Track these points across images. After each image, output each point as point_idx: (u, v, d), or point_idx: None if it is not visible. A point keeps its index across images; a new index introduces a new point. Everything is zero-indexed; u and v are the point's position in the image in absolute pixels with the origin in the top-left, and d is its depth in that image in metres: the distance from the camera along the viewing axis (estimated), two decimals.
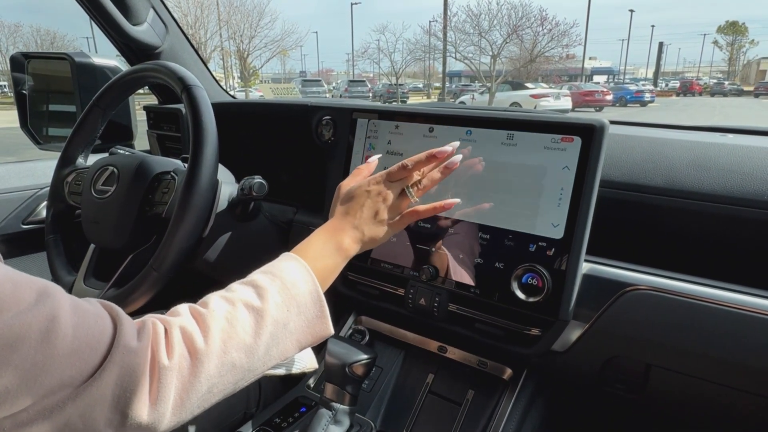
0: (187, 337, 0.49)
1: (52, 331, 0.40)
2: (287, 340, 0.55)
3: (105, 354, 0.43)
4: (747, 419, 0.70)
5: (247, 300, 0.54)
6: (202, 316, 0.51)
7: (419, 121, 0.82)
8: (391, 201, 0.65)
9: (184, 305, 0.54)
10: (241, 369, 0.51)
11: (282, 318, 0.54)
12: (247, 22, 26.51)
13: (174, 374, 0.46)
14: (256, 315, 0.53)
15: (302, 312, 0.56)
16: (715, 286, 0.65)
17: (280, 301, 0.55)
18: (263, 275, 0.58)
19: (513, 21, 22.87)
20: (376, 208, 0.65)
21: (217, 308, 0.52)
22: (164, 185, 0.87)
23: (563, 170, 0.69)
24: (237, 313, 0.52)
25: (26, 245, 1.22)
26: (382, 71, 33.24)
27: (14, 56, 1.34)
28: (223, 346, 0.50)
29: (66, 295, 0.43)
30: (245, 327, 0.52)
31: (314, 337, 0.58)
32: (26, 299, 0.39)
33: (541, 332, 0.74)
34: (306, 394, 0.90)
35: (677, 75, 74.89)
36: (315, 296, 0.58)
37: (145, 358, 0.45)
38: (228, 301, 0.53)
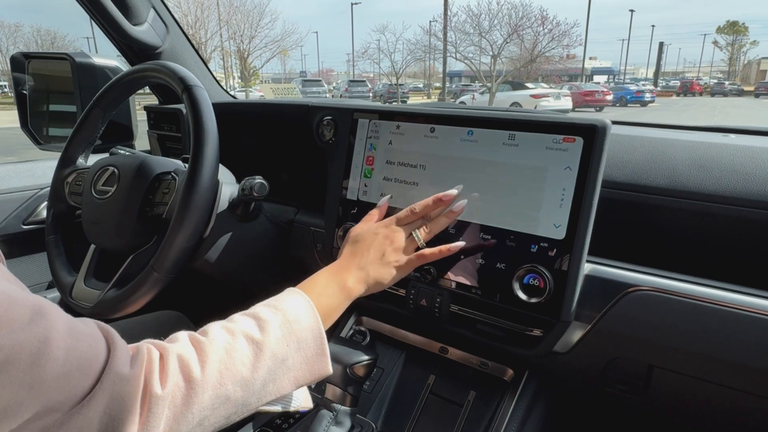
0: (184, 365, 0.47)
1: (44, 353, 0.39)
2: (285, 377, 0.54)
3: (96, 380, 0.42)
4: (749, 420, 0.70)
5: (248, 332, 0.53)
6: (200, 345, 0.50)
7: (420, 121, 0.82)
8: (398, 244, 0.67)
9: (183, 332, 0.53)
10: (235, 403, 0.50)
11: (281, 353, 0.54)
12: (248, 22, 26.53)
13: (166, 404, 0.45)
14: (256, 348, 0.52)
15: (302, 348, 0.56)
16: (718, 286, 0.65)
17: (281, 335, 0.54)
18: (266, 308, 0.57)
19: (513, 21, 22.88)
20: (383, 250, 0.66)
21: (217, 337, 0.51)
22: (165, 185, 0.87)
23: (565, 170, 0.69)
24: (236, 344, 0.51)
25: (27, 246, 1.22)
26: (382, 71, 33.26)
27: (15, 56, 1.34)
28: (220, 378, 0.49)
29: (62, 315, 0.42)
30: (243, 359, 0.51)
31: (312, 375, 0.57)
32: (20, 318, 0.38)
33: (542, 333, 0.74)
34: None
35: (677, 75, 74.88)
36: (316, 333, 0.57)
37: (136, 387, 0.44)
38: (228, 332, 0.52)
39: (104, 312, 0.83)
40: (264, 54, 27.84)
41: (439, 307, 0.80)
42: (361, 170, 0.88)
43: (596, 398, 0.81)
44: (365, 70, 56.65)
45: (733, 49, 59.48)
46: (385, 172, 0.85)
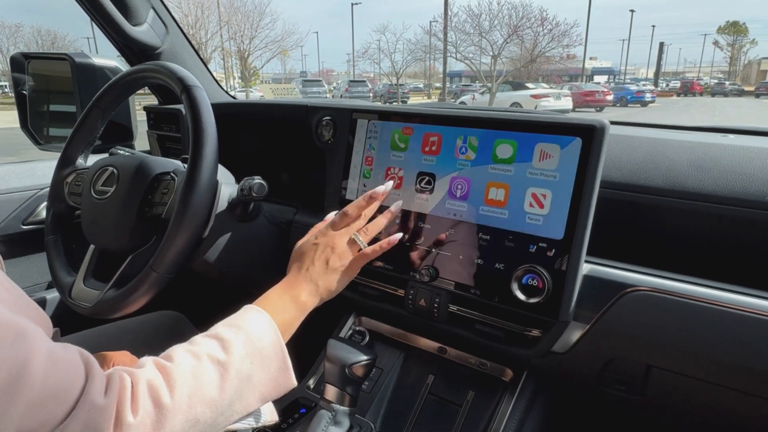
0: (153, 391, 0.48)
1: (22, 377, 0.39)
2: (251, 394, 0.55)
3: (70, 408, 0.42)
4: (748, 421, 0.70)
5: (212, 353, 0.54)
6: (166, 370, 0.50)
7: (419, 121, 0.82)
8: (339, 249, 0.68)
9: (148, 358, 0.53)
10: (205, 424, 0.51)
11: (246, 370, 0.55)
12: (248, 22, 26.53)
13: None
14: (221, 369, 0.53)
15: (266, 365, 0.57)
16: (716, 287, 0.65)
17: (245, 354, 0.55)
18: (228, 328, 0.58)
19: (513, 21, 22.88)
20: (326, 257, 0.68)
21: (182, 362, 0.52)
22: (164, 186, 0.87)
23: (564, 171, 0.69)
24: (202, 367, 0.52)
25: (26, 246, 1.22)
26: (382, 71, 33.27)
27: (15, 56, 1.34)
28: (189, 401, 0.49)
29: (44, 341, 0.42)
30: (210, 381, 0.52)
31: (277, 389, 0.59)
32: (2, 340, 0.38)
33: (541, 333, 0.74)
34: (306, 395, 0.90)
35: (678, 75, 74.85)
36: (278, 349, 0.59)
37: (110, 416, 0.44)
38: (193, 355, 0.53)
39: (103, 312, 0.83)
40: (264, 54, 27.87)
41: (437, 307, 0.80)
42: (360, 170, 0.88)
43: (595, 398, 0.81)
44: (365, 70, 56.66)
45: (734, 49, 59.45)
46: (384, 172, 0.85)
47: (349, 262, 0.69)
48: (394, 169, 0.84)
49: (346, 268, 0.69)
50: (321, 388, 0.76)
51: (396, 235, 0.72)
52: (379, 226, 0.72)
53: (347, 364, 0.71)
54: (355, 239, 0.69)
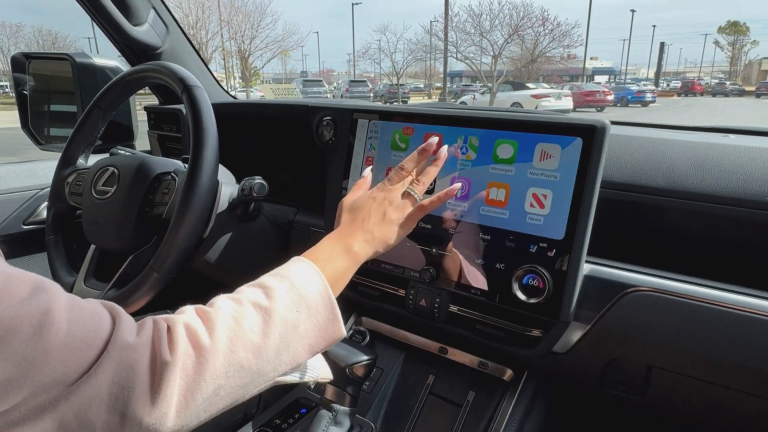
0: (192, 333, 0.46)
1: (45, 324, 0.38)
2: (298, 344, 0.53)
3: (101, 350, 0.41)
4: (749, 421, 0.70)
5: (255, 299, 0.52)
6: (207, 314, 0.49)
7: (420, 121, 0.82)
8: (397, 202, 0.66)
9: (189, 306, 0.52)
10: (250, 371, 0.49)
11: (292, 319, 0.52)
12: (249, 22, 26.53)
13: (177, 371, 0.43)
14: (264, 314, 0.51)
15: (312, 314, 0.55)
16: (717, 287, 0.65)
17: (289, 301, 0.53)
18: (272, 277, 0.56)
19: (514, 21, 22.86)
20: (384, 210, 0.66)
21: (223, 306, 0.50)
22: (164, 186, 0.87)
23: (564, 171, 0.69)
24: (244, 311, 0.50)
25: (27, 246, 1.22)
26: (383, 71, 33.25)
27: (15, 56, 1.34)
28: (230, 344, 0.47)
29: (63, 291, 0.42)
30: (253, 326, 0.50)
31: (326, 340, 0.56)
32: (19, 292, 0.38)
33: (542, 333, 0.74)
34: (306, 395, 0.90)
35: (679, 75, 74.79)
36: (326, 298, 0.56)
37: (144, 354, 0.43)
38: (235, 301, 0.52)
39: None
40: (265, 54, 27.87)
41: (438, 307, 0.80)
42: (360, 170, 0.88)
43: (595, 399, 0.81)
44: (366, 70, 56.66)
45: (735, 49, 59.40)
46: (384, 172, 0.85)
47: (407, 214, 0.67)
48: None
49: (404, 221, 0.67)
50: (321, 388, 0.76)
51: (454, 185, 0.70)
52: (432, 175, 0.69)
53: (348, 364, 0.71)
54: (410, 192, 0.68)
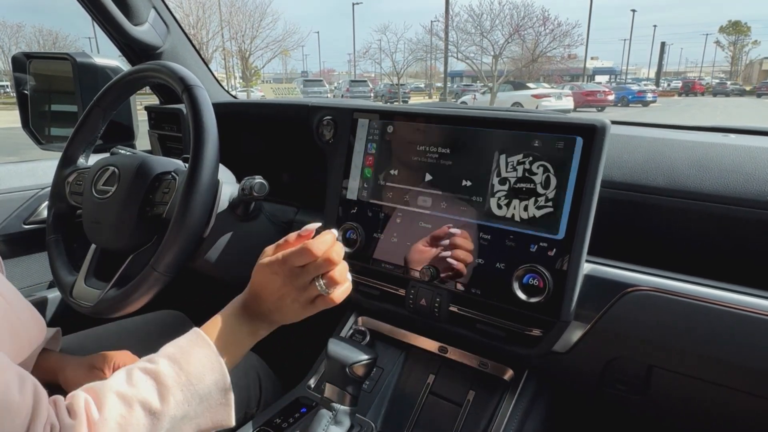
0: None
1: None
2: (186, 427, 0.55)
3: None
4: (749, 421, 0.70)
5: (146, 401, 0.52)
6: (95, 426, 0.49)
7: (420, 121, 0.82)
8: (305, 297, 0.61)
9: (81, 398, 0.51)
10: None
11: (180, 413, 0.54)
12: (249, 22, 26.55)
13: None
14: (153, 418, 0.52)
15: (204, 400, 0.56)
16: (717, 286, 0.65)
17: (182, 399, 0.54)
18: (170, 367, 0.55)
19: (515, 21, 22.86)
20: (291, 298, 0.60)
21: (110, 415, 0.50)
22: (165, 185, 0.87)
23: (564, 170, 0.69)
24: (132, 418, 0.51)
25: (27, 245, 1.22)
26: (383, 71, 33.24)
27: (16, 56, 1.34)
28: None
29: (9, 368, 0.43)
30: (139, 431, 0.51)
31: (214, 423, 0.57)
32: None
33: (542, 333, 0.74)
34: (306, 395, 0.90)
35: (679, 75, 74.73)
36: (221, 386, 0.57)
37: None
38: (125, 403, 0.52)
39: (104, 311, 0.84)
40: (265, 54, 27.89)
41: (438, 306, 0.80)
42: (360, 170, 0.88)
43: (596, 398, 0.81)
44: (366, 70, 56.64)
45: (735, 49, 59.32)
46: (384, 171, 0.85)
47: (313, 306, 0.62)
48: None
49: (310, 308, 0.62)
50: (321, 388, 0.76)
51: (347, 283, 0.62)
52: (343, 272, 0.61)
53: (348, 363, 0.71)
54: (318, 288, 0.60)
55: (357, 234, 0.87)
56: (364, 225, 0.87)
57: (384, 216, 0.85)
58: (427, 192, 0.80)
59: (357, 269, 0.91)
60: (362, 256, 0.87)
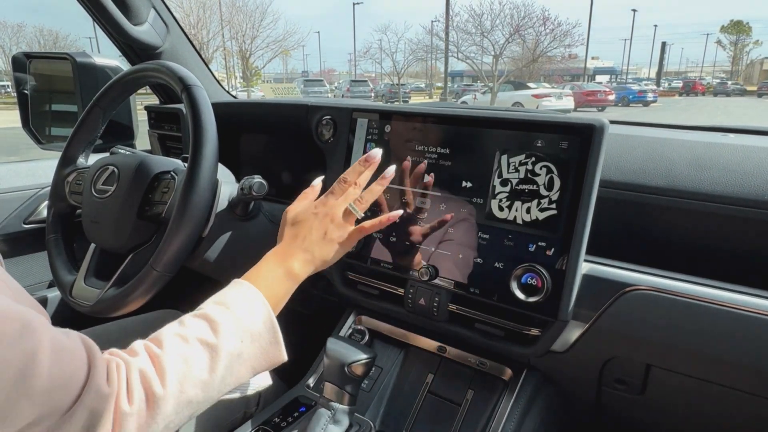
0: (146, 381, 0.49)
1: (30, 368, 0.40)
2: (242, 368, 0.56)
3: (76, 396, 0.43)
4: (747, 420, 0.70)
5: (201, 336, 0.54)
6: (158, 358, 0.51)
7: (420, 121, 0.82)
8: (338, 220, 0.67)
9: (139, 343, 0.54)
10: (197, 403, 0.53)
11: (236, 349, 0.55)
12: (250, 22, 26.56)
13: (134, 419, 0.47)
14: (211, 351, 0.54)
15: (255, 340, 0.57)
16: (715, 286, 0.65)
17: (234, 334, 0.56)
18: (216, 306, 0.58)
19: (515, 21, 22.85)
20: (325, 228, 0.66)
21: (171, 348, 0.53)
22: (164, 185, 0.87)
23: (563, 170, 0.69)
24: (192, 351, 0.53)
25: (27, 245, 1.22)
26: (384, 71, 33.24)
27: (16, 56, 1.34)
28: (180, 387, 0.51)
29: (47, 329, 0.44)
30: (200, 364, 0.53)
31: (268, 362, 0.59)
32: (9, 333, 0.39)
33: (540, 332, 0.74)
34: (305, 394, 0.90)
35: (680, 75, 74.68)
36: (268, 324, 0.59)
37: (111, 403, 0.46)
38: (182, 339, 0.54)
39: (104, 311, 0.84)
40: (266, 54, 27.91)
41: (437, 306, 0.80)
42: None
43: (594, 397, 0.81)
44: (367, 70, 56.66)
45: (737, 49, 59.26)
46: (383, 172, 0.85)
47: (347, 233, 0.68)
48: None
49: (344, 240, 0.68)
50: (320, 387, 0.76)
51: (396, 211, 0.70)
52: (375, 193, 0.70)
53: (347, 362, 0.71)
54: (351, 210, 0.67)
55: None
56: None
57: None
58: (426, 193, 0.81)
59: (356, 269, 0.91)
60: (361, 255, 0.87)
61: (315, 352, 0.96)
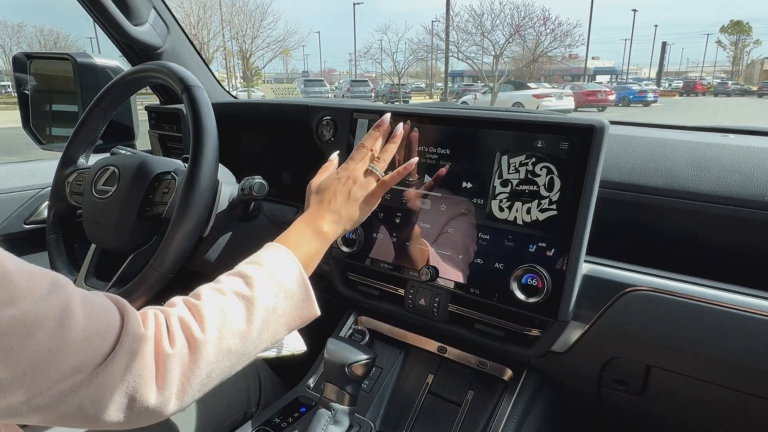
0: (186, 326, 0.51)
1: (66, 319, 0.42)
2: (277, 324, 0.58)
3: (115, 341, 0.45)
4: (747, 421, 0.70)
5: (237, 289, 0.56)
6: (196, 307, 0.53)
7: (420, 121, 0.82)
8: (360, 180, 0.70)
9: (177, 297, 0.56)
10: (237, 353, 0.54)
11: (271, 303, 0.57)
12: (250, 22, 26.56)
13: (177, 361, 0.49)
14: (247, 303, 0.56)
15: (289, 296, 0.59)
16: (715, 287, 0.65)
17: (268, 288, 0.58)
18: (250, 265, 0.60)
19: (515, 21, 22.82)
20: (348, 189, 0.69)
21: (209, 299, 0.55)
22: (165, 185, 0.88)
23: (563, 170, 0.69)
24: (228, 302, 0.55)
25: (28, 245, 1.23)
26: (384, 71, 33.21)
27: (17, 56, 1.34)
28: (219, 334, 0.52)
29: (75, 287, 0.46)
30: (237, 315, 0.55)
31: (302, 319, 0.61)
32: (40, 289, 0.41)
33: (540, 333, 0.74)
34: (306, 394, 0.90)
35: (680, 75, 74.64)
36: (300, 281, 0.61)
37: (150, 346, 0.48)
38: (219, 292, 0.56)
39: None
40: (266, 54, 27.91)
41: (437, 306, 0.80)
42: None
43: (594, 398, 0.81)
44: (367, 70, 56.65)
45: (737, 49, 59.24)
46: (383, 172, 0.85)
47: (370, 191, 0.70)
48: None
49: (368, 197, 0.70)
50: (321, 387, 0.76)
51: (412, 159, 0.73)
52: (391, 152, 0.73)
53: (347, 363, 0.72)
54: (372, 169, 0.70)
55: (356, 234, 0.87)
56: (363, 225, 0.87)
57: (383, 216, 0.85)
58: (426, 193, 0.81)
59: (356, 269, 0.91)
60: (361, 255, 0.87)
61: (315, 353, 0.96)
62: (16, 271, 0.40)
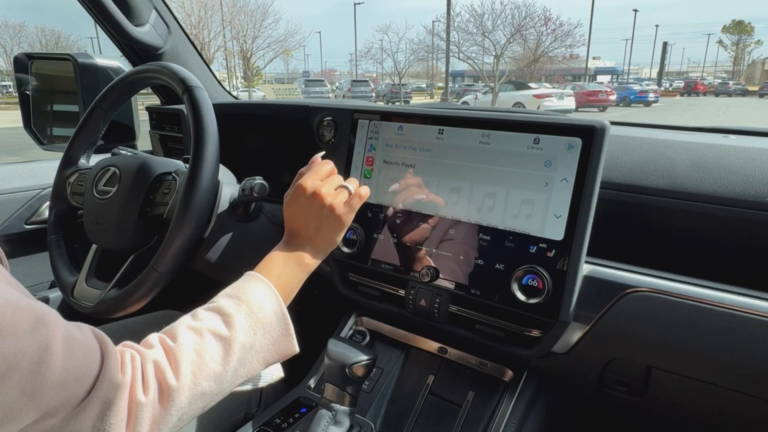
0: (160, 373, 0.50)
1: (44, 361, 0.41)
2: (254, 360, 0.57)
3: (91, 386, 0.44)
4: (748, 422, 0.70)
5: (215, 329, 0.55)
6: (172, 351, 0.52)
7: (420, 122, 0.82)
8: (339, 209, 0.69)
9: (154, 336, 0.55)
10: (211, 395, 0.53)
11: (248, 341, 0.56)
12: (251, 22, 26.57)
13: (149, 410, 0.48)
14: (224, 344, 0.55)
15: (267, 332, 0.59)
16: (716, 288, 0.65)
17: (247, 326, 0.57)
18: (229, 300, 0.59)
19: (516, 21, 22.82)
20: (321, 216, 0.68)
21: (185, 341, 0.53)
22: (165, 186, 0.87)
23: (564, 171, 0.69)
24: (205, 344, 0.54)
25: (29, 245, 1.23)
26: (385, 71, 33.22)
27: (18, 57, 1.35)
28: (194, 378, 0.51)
29: (60, 323, 0.44)
30: (214, 357, 0.54)
31: (280, 354, 0.60)
32: (23, 326, 0.40)
33: (541, 334, 0.74)
34: (306, 395, 0.90)
35: (681, 75, 74.59)
36: (280, 316, 0.60)
37: (125, 393, 0.47)
38: (196, 332, 0.55)
39: (105, 311, 0.84)
40: (267, 54, 27.92)
41: (438, 307, 0.80)
42: (361, 171, 0.88)
43: (595, 399, 0.81)
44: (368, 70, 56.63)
45: (738, 49, 59.16)
46: (384, 172, 0.85)
47: (343, 212, 0.70)
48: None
49: (343, 219, 0.70)
50: (321, 388, 0.76)
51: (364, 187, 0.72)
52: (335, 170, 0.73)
53: (348, 363, 0.72)
54: (344, 186, 0.70)
55: (357, 234, 0.87)
56: (364, 225, 0.87)
57: (384, 217, 0.85)
58: (424, 192, 0.80)
59: (357, 270, 0.91)
60: (362, 256, 0.87)
61: (316, 354, 0.96)
62: (0, 305, 0.39)
